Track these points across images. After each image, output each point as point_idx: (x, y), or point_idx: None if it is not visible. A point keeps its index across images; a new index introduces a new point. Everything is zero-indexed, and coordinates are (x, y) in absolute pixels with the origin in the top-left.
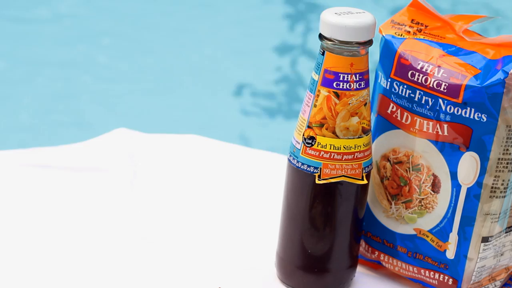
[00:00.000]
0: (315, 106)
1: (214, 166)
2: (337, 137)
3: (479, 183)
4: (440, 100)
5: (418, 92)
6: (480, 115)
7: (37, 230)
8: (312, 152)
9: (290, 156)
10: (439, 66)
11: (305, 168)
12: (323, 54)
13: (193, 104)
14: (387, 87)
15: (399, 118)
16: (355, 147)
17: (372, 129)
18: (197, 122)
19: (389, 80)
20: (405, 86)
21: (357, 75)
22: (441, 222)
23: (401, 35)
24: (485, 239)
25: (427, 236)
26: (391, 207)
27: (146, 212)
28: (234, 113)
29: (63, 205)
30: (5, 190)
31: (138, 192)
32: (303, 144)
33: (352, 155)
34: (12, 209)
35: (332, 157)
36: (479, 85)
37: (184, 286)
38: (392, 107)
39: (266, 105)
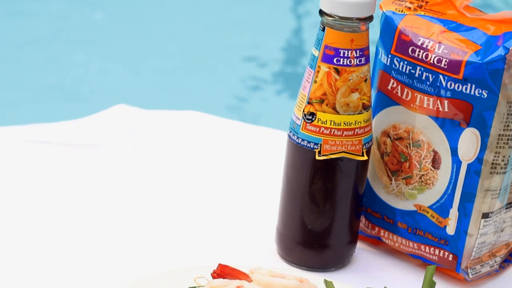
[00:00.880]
0: (315, 82)
1: (213, 142)
2: (337, 113)
3: (479, 159)
4: (441, 76)
5: (418, 68)
6: (480, 91)
7: (37, 206)
8: (312, 128)
9: (290, 132)
10: (439, 42)
11: (305, 144)
12: (323, 30)
13: (192, 79)
14: (388, 63)
15: (399, 94)
16: (355, 123)
17: (372, 105)
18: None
19: (390, 56)
20: (405, 62)
21: (358, 51)
22: (441, 198)
23: (402, 11)
24: (485, 215)
25: (427, 212)
26: (391, 183)
27: (146, 188)
28: (234, 88)
29: (64, 182)
30: (5, 166)
31: (138, 168)
32: (303, 120)
33: (353, 131)
34: (12, 186)
35: (332, 133)
36: (480, 61)
37: (184, 262)
38: (393, 83)
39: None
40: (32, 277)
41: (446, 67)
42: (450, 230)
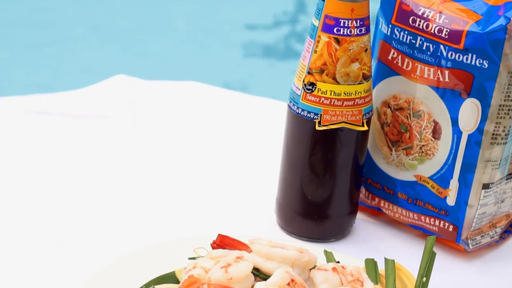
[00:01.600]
0: (315, 52)
1: (213, 113)
2: (338, 83)
3: (480, 130)
4: (441, 46)
5: (419, 38)
6: (481, 61)
7: (37, 177)
8: (312, 98)
9: (290, 102)
10: (440, 12)
11: (305, 115)
12: None
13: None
14: (388, 33)
15: (400, 65)
16: (355, 93)
17: (372, 75)
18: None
19: (390, 26)
20: (406, 32)
21: (358, 21)
22: (441, 168)
23: None
24: (485, 186)
25: (428, 183)
26: (391, 154)
27: (145, 159)
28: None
29: (63, 152)
30: (5, 137)
31: (137, 139)
32: (303, 90)
33: (353, 101)
34: (12, 156)
35: (332, 103)
36: (481, 31)
37: (184, 232)
38: (393, 53)
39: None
40: (31, 247)
41: (446, 37)
42: (451, 200)
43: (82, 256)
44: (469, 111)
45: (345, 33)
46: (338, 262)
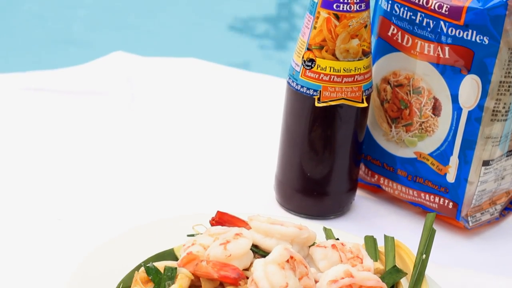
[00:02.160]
0: (314, 28)
1: (212, 90)
2: (337, 59)
3: (480, 106)
4: (442, 22)
5: (419, 14)
6: (482, 37)
7: (35, 154)
8: (312, 75)
9: (290, 78)
10: None
11: (304, 91)
12: None
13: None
14: (388, 9)
15: (399, 41)
16: (355, 69)
17: (372, 51)
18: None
19: (390, 2)
20: (406, 8)
21: None
22: (441, 145)
23: None
24: (486, 163)
25: (428, 160)
26: (391, 130)
27: (143, 136)
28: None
29: (61, 129)
30: (2, 114)
31: (136, 116)
32: (302, 66)
33: (352, 78)
34: (10, 133)
35: (332, 79)
36: (481, 7)
37: (182, 209)
38: (393, 30)
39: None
40: (30, 225)
41: (447, 13)
42: (450, 177)
43: (80, 234)
44: (469, 88)
45: (345, 9)
46: (338, 239)
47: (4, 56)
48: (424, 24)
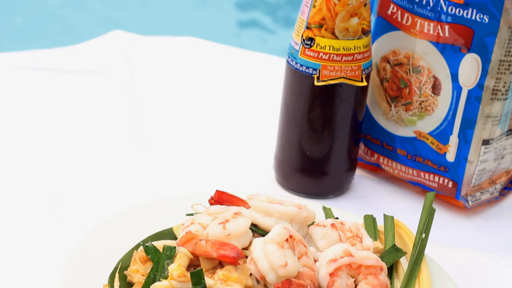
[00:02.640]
0: (314, 6)
1: (211, 69)
2: (336, 38)
3: (480, 85)
4: (441, 1)
5: None
6: (482, 16)
7: (33, 134)
8: (311, 54)
9: (289, 57)
10: None
11: (303, 70)
12: None
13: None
14: None
15: (399, 19)
16: (354, 48)
17: (372, 30)
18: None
19: None
20: None
21: None
22: (441, 124)
23: None
24: (485, 142)
25: (427, 139)
26: (391, 110)
27: (142, 115)
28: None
29: (59, 109)
30: (1, 93)
31: (134, 95)
32: (301, 45)
33: (352, 57)
34: (8, 113)
35: (331, 58)
36: None
37: (181, 188)
38: (393, 8)
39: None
40: (29, 204)
41: None
42: (450, 157)
43: (79, 213)
44: (469, 67)
45: None
46: (337, 218)
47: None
48: (424, 2)
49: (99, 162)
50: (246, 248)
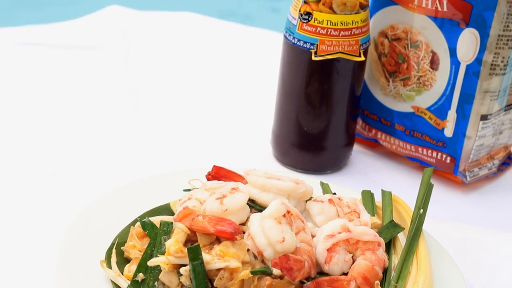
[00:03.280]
0: None
1: (208, 44)
2: (334, 12)
3: (478, 60)
4: None
5: None
6: None
7: (29, 109)
8: (309, 28)
9: (286, 32)
10: None
11: (301, 45)
12: None
13: None
14: None
15: None
16: (352, 23)
17: (370, 5)
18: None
19: None
20: None
21: None
22: (439, 99)
23: None
24: (484, 117)
25: (425, 114)
26: (388, 85)
27: (139, 91)
28: None
29: (55, 84)
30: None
31: (131, 70)
32: (299, 20)
33: (349, 31)
34: (4, 88)
35: (329, 33)
36: None
37: (178, 164)
38: None
39: None
40: (24, 180)
41: None
42: (448, 132)
43: (75, 189)
44: (468, 41)
45: None
46: (335, 193)
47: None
48: None
49: (96, 138)
50: (243, 224)
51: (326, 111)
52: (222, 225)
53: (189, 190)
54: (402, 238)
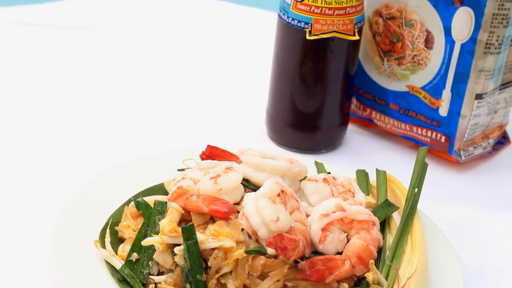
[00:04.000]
0: None
1: (202, 24)
2: None
3: (473, 39)
4: None
5: None
6: None
7: (23, 89)
8: (303, 7)
9: (281, 11)
10: None
11: (295, 24)
12: None
13: None
14: None
15: None
16: (346, 1)
17: None
18: None
19: None
20: None
21: None
22: (434, 78)
23: None
24: (478, 96)
25: (420, 93)
26: (383, 64)
27: (133, 70)
28: None
29: (50, 63)
30: None
31: (125, 50)
32: None
33: (344, 10)
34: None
35: (323, 12)
36: None
37: (173, 144)
38: None
39: None
40: (18, 160)
41: None
42: (443, 111)
43: (69, 169)
44: (462, 20)
45: None
46: (329, 173)
47: None
48: None
49: (90, 118)
50: (237, 203)
51: (320, 90)
52: (216, 204)
53: (183, 169)
54: (396, 217)
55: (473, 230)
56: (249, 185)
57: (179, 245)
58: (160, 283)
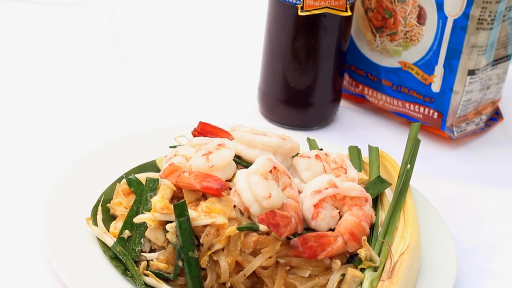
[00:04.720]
0: None
1: (194, 1)
2: None
3: (465, 15)
4: None
5: None
6: None
7: (14, 65)
8: None
9: None
10: None
11: (287, 0)
12: None
13: None
14: None
15: None
16: None
17: None
18: None
19: None
20: None
21: None
22: (426, 54)
23: None
24: (471, 72)
25: (412, 69)
26: (375, 40)
27: (125, 46)
28: None
29: (42, 40)
30: None
31: (117, 27)
32: None
33: None
34: None
35: None
36: None
37: (164, 120)
38: None
39: None
40: (10, 138)
41: None
42: (435, 87)
43: (61, 146)
44: None
45: None
46: (321, 149)
47: None
48: None
49: (81, 95)
50: (229, 180)
51: (312, 67)
52: (208, 181)
53: (175, 146)
54: (389, 194)
55: (465, 206)
56: (241, 162)
57: (171, 222)
58: (152, 260)
